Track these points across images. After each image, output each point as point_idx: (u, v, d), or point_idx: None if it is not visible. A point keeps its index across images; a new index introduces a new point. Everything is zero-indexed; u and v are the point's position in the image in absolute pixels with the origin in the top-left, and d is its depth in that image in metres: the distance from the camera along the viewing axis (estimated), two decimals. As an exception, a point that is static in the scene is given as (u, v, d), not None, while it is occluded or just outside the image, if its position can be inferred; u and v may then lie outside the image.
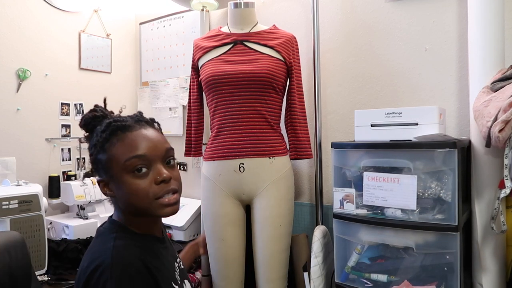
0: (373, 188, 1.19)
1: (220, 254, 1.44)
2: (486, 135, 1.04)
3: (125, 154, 0.81)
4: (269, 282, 1.41)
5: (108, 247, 0.79)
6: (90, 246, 0.85)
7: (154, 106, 2.36)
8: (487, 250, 1.19)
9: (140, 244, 0.83)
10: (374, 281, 1.21)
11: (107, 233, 0.84)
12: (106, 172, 0.83)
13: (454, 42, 1.43)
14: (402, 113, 1.22)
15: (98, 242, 0.84)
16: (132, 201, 0.82)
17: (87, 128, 0.90)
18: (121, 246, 0.80)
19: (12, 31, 1.91)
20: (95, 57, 2.29)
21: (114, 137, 0.82)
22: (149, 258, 0.81)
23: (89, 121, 0.89)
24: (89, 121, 0.89)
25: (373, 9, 1.61)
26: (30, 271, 1.02)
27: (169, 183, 0.83)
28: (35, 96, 2.00)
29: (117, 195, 0.84)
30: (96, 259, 0.77)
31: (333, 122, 1.71)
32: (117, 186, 0.82)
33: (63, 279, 1.49)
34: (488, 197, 1.18)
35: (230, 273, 1.44)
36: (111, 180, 0.83)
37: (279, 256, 1.41)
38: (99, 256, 0.78)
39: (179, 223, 1.91)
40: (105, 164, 0.82)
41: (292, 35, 1.50)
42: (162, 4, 2.31)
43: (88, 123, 0.89)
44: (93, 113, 0.89)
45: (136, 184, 0.80)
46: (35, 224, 1.46)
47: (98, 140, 0.84)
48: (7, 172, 1.84)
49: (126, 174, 0.81)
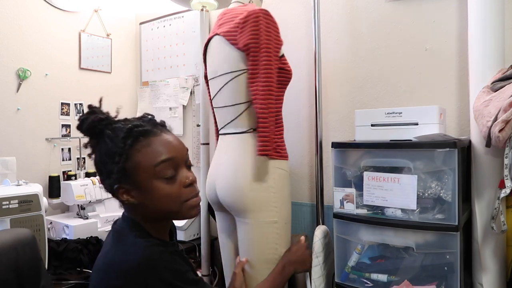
0: (373, 188, 1.19)
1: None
2: (486, 135, 1.04)
3: (153, 160, 0.80)
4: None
5: (139, 242, 0.80)
6: (112, 242, 0.84)
7: (154, 106, 2.36)
8: (487, 250, 1.19)
9: (158, 242, 0.85)
10: (374, 281, 1.21)
11: (128, 232, 0.83)
12: (129, 179, 0.81)
13: (454, 42, 1.43)
14: (402, 113, 1.22)
15: (124, 240, 0.82)
16: (162, 206, 0.82)
17: (92, 132, 0.84)
18: (151, 243, 0.81)
19: (12, 31, 1.91)
20: (95, 57, 2.29)
21: (138, 143, 0.80)
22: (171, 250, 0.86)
23: (95, 124, 0.83)
24: (95, 124, 0.83)
25: (373, 9, 1.61)
26: (39, 268, 1.03)
27: (195, 186, 0.86)
28: (35, 96, 2.00)
29: (144, 201, 0.82)
30: (133, 254, 0.78)
31: (333, 122, 1.71)
32: (144, 192, 0.81)
33: (63, 279, 1.49)
34: (488, 197, 1.18)
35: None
36: (135, 187, 0.81)
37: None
38: (134, 249, 0.79)
39: (179, 223, 1.91)
40: (130, 171, 0.80)
41: None
42: (162, 4, 2.31)
43: (94, 126, 0.83)
44: (96, 115, 0.83)
45: (167, 188, 0.81)
46: (35, 224, 1.46)
47: (121, 148, 0.79)
48: (7, 172, 1.84)
49: (155, 180, 0.81)
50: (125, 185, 0.81)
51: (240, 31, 1.26)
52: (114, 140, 0.80)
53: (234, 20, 1.31)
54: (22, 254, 0.97)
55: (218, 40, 1.36)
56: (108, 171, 0.81)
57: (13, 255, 0.95)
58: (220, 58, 1.35)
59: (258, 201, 1.26)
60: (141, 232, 0.83)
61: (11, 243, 0.97)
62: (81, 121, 0.84)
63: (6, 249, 0.95)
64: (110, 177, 0.82)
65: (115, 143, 0.80)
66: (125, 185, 0.81)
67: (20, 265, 0.96)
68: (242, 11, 1.29)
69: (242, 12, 1.28)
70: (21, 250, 0.97)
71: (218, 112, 1.42)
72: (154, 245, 0.80)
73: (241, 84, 1.29)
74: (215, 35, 1.38)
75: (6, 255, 0.94)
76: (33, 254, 1.01)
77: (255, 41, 1.22)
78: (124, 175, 0.80)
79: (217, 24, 1.41)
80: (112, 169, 0.80)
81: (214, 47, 1.39)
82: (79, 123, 0.84)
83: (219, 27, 1.37)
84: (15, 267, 0.94)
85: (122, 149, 0.79)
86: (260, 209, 1.26)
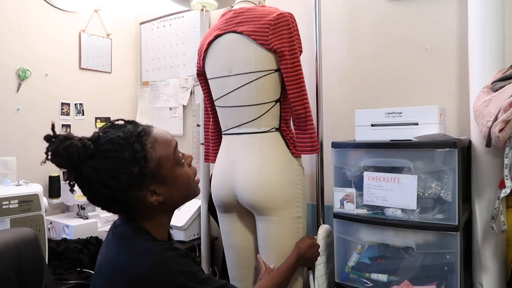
0: (373, 188, 1.19)
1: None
2: (487, 134, 1.04)
3: (168, 150, 0.83)
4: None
5: (149, 247, 0.80)
6: (119, 248, 0.82)
7: (155, 106, 2.36)
8: (487, 249, 1.19)
9: (165, 244, 0.85)
10: (375, 281, 1.21)
11: (134, 237, 0.82)
12: (154, 179, 0.80)
13: (454, 42, 1.43)
14: (402, 113, 1.22)
15: (131, 245, 0.81)
16: (186, 190, 0.88)
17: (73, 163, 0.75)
18: (162, 247, 0.81)
19: (12, 31, 1.91)
20: (95, 57, 2.29)
21: (148, 142, 0.80)
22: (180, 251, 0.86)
23: (80, 151, 0.74)
24: (81, 151, 0.74)
25: (373, 9, 1.61)
26: (42, 267, 1.03)
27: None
28: (35, 96, 2.00)
29: (171, 194, 0.84)
30: (144, 259, 0.77)
31: (333, 122, 1.71)
32: (170, 184, 0.84)
33: (64, 279, 1.49)
34: (488, 196, 1.18)
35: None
36: (161, 183, 0.82)
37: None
38: (146, 254, 0.78)
39: (179, 223, 1.91)
40: (153, 170, 0.79)
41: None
42: (162, 4, 2.31)
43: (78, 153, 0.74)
44: (75, 141, 0.75)
45: (186, 171, 0.88)
46: (35, 224, 1.46)
47: (139, 152, 0.77)
48: (7, 171, 1.84)
49: (176, 167, 0.85)
50: (152, 187, 0.81)
51: (272, 32, 1.27)
52: (124, 150, 0.76)
53: (259, 20, 1.30)
54: (25, 253, 0.98)
55: (238, 38, 1.32)
56: (120, 187, 0.76)
57: (16, 254, 0.96)
58: (241, 57, 1.32)
59: (287, 198, 1.30)
60: (147, 236, 0.83)
61: (14, 242, 0.97)
62: (55, 152, 0.75)
63: (9, 248, 0.95)
64: (128, 190, 0.78)
65: (125, 151, 0.76)
66: (152, 187, 0.81)
67: (23, 264, 0.96)
68: (267, 12, 1.30)
69: (267, 12, 1.30)
70: (24, 249, 0.98)
71: (228, 111, 1.38)
72: (164, 250, 0.81)
73: (268, 83, 1.31)
74: (229, 32, 1.34)
75: (9, 254, 0.95)
76: (36, 253, 1.01)
77: (290, 44, 1.27)
78: (148, 176, 0.79)
79: (227, 22, 1.36)
80: (128, 180, 0.76)
81: (228, 45, 1.35)
82: (55, 154, 0.75)
83: (235, 26, 1.33)
84: (17, 266, 0.95)
85: (140, 152, 0.77)
86: (289, 206, 1.30)
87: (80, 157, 0.75)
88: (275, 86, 1.32)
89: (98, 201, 0.82)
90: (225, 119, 1.41)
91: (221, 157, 1.41)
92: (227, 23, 1.37)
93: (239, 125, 1.36)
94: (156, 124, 2.28)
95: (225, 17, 1.39)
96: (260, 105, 1.32)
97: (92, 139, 0.78)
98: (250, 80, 1.31)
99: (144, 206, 0.81)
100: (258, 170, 1.29)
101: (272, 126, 1.34)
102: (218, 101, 1.41)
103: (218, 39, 1.38)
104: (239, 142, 1.36)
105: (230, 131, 1.39)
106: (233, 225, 1.43)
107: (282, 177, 1.29)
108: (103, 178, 0.76)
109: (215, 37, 1.38)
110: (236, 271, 1.45)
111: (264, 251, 1.33)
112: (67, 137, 0.76)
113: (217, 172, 1.40)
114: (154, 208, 0.83)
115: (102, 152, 0.76)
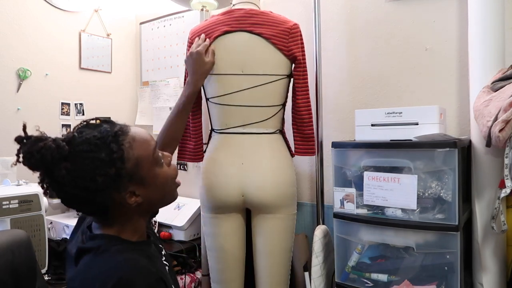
0: (373, 188, 1.19)
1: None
2: (487, 134, 1.04)
3: (147, 149, 0.80)
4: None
5: (119, 260, 0.73)
6: (87, 265, 0.75)
7: (155, 105, 2.36)
8: (487, 249, 1.19)
9: (142, 253, 0.79)
10: (375, 281, 1.21)
11: (105, 248, 0.76)
12: (132, 179, 0.77)
13: (454, 42, 1.43)
14: (403, 112, 1.22)
15: (100, 258, 0.75)
16: (165, 191, 0.85)
17: (46, 166, 0.72)
18: (132, 258, 0.75)
19: (12, 31, 1.91)
20: (95, 57, 2.29)
21: (126, 141, 0.76)
22: (156, 266, 0.79)
23: (54, 153, 0.71)
24: (55, 152, 0.71)
25: (373, 9, 1.61)
26: (35, 269, 1.02)
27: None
28: (35, 96, 2.00)
29: (149, 195, 0.80)
30: (112, 275, 0.69)
31: (333, 122, 1.71)
32: (149, 185, 0.80)
33: (64, 279, 1.49)
34: (489, 196, 1.18)
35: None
36: (140, 183, 0.78)
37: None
38: (115, 270, 0.71)
39: (179, 223, 1.91)
40: (132, 170, 0.76)
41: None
42: (162, 4, 2.31)
43: (49, 160, 0.71)
44: (48, 142, 0.72)
45: (165, 171, 0.84)
46: (36, 224, 1.46)
47: (115, 152, 0.74)
48: (8, 171, 1.84)
49: (155, 167, 0.82)
50: (131, 188, 0.77)
51: (291, 40, 1.35)
52: (100, 150, 0.73)
53: (278, 26, 1.34)
54: (18, 255, 0.97)
55: (255, 39, 1.32)
56: (96, 189, 0.73)
57: (9, 256, 0.95)
58: (257, 58, 1.33)
59: (292, 196, 1.41)
60: (121, 245, 0.78)
61: (7, 244, 0.97)
62: (27, 154, 0.73)
63: (2, 250, 0.95)
64: (105, 191, 0.74)
65: (102, 152, 0.73)
66: (131, 188, 0.77)
67: (16, 266, 0.95)
68: (282, 19, 1.37)
69: (283, 19, 1.37)
70: (17, 252, 0.97)
71: (231, 110, 1.36)
72: (133, 265, 0.73)
73: (280, 87, 1.39)
74: (242, 31, 1.33)
75: (2, 257, 0.94)
76: (29, 255, 1.01)
77: (303, 53, 1.39)
78: (126, 177, 0.76)
79: (239, 20, 1.34)
80: (105, 181, 0.73)
81: (242, 44, 1.34)
82: (27, 156, 0.73)
83: (251, 26, 1.33)
84: (11, 269, 0.94)
85: (116, 153, 0.74)
86: (292, 204, 1.42)
87: (54, 158, 0.71)
88: (284, 91, 1.41)
89: (74, 204, 0.79)
90: (223, 117, 1.38)
91: (220, 156, 1.37)
92: (239, 21, 1.35)
93: (246, 125, 1.36)
94: (156, 124, 2.29)
95: (233, 15, 1.36)
96: (270, 107, 1.37)
97: (67, 140, 0.74)
98: (265, 82, 1.35)
99: (122, 207, 0.78)
100: (271, 169, 1.35)
101: (277, 128, 1.42)
102: (218, 99, 1.37)
103: (228, 35, 1.35)
104: (246, 142, 1.36)
105: (231, 130, 1.37)
106: (233, 225, 1.41)
107: (290, 176, 1.39)
108: (79, 180, 0.72)
109: (223, 32, 1.35)
110: (222, 274, 1.43)
111: (268, 248, 1.38)
112: (40, 138, 0.73)
113: (221, 171, 1.36)
114: (131, 210, 0.79)
115: (77, 153, 0.73)
